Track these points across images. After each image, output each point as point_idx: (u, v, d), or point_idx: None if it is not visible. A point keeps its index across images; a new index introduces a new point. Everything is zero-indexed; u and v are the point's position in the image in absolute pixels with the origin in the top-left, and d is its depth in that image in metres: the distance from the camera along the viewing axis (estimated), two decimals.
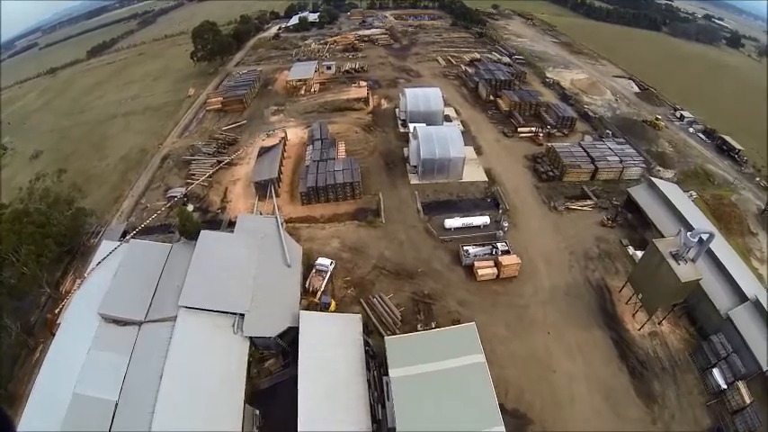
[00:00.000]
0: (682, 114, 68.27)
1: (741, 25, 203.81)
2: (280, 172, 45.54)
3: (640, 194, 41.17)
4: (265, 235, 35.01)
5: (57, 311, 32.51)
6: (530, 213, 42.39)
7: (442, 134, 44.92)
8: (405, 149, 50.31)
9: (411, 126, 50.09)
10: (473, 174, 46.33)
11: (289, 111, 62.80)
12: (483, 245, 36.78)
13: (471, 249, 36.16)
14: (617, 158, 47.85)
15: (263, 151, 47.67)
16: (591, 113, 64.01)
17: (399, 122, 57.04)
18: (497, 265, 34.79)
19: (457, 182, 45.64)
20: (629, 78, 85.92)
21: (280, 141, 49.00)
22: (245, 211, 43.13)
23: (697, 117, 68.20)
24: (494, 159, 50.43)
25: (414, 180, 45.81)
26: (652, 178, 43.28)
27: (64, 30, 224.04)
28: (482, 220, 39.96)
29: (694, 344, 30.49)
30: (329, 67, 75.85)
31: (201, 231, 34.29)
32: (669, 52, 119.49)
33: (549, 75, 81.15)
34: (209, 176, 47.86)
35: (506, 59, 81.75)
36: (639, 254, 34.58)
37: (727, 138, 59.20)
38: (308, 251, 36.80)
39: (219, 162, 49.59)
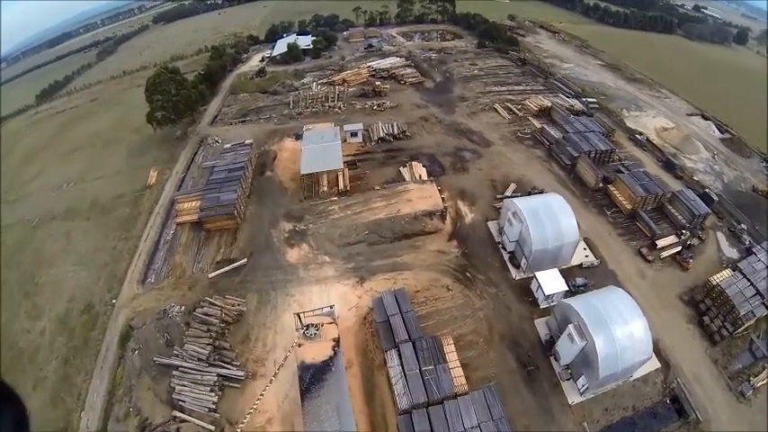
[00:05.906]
0: None
1: (723, 12, 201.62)
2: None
3: None
4: None
5: None
6: (721, 416, 27.18)
7: (617, 316, 25.42)
8: (536, 323, 30.33)
9: (543, 282, 30.23)
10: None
11: (316, 237, 38.24)
12: None
13: None
14: None
15: (309, 377, 24.90)
16: (712, 194, 46.24)
17: (504, 254, 35.66)
18: None
19: (629, 383, 27.44)
20: (703, 117, 69.69)
21: (335, 352, 25.79)
22: None
23: None
24: (653, 317, 30.64)
25: (573, 397, 26.55)
26: None
27: (28, 59, 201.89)
28: None
29: None
30: (354, 134, 53.97)
31: None
32: (701, 62, 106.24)
33: (628, 123, 63.32)
34: (214, 410, 26.87)
35: (578, 104, 63.05)
36: None
37: None
38: None
39: (223, 381, 28.28)
